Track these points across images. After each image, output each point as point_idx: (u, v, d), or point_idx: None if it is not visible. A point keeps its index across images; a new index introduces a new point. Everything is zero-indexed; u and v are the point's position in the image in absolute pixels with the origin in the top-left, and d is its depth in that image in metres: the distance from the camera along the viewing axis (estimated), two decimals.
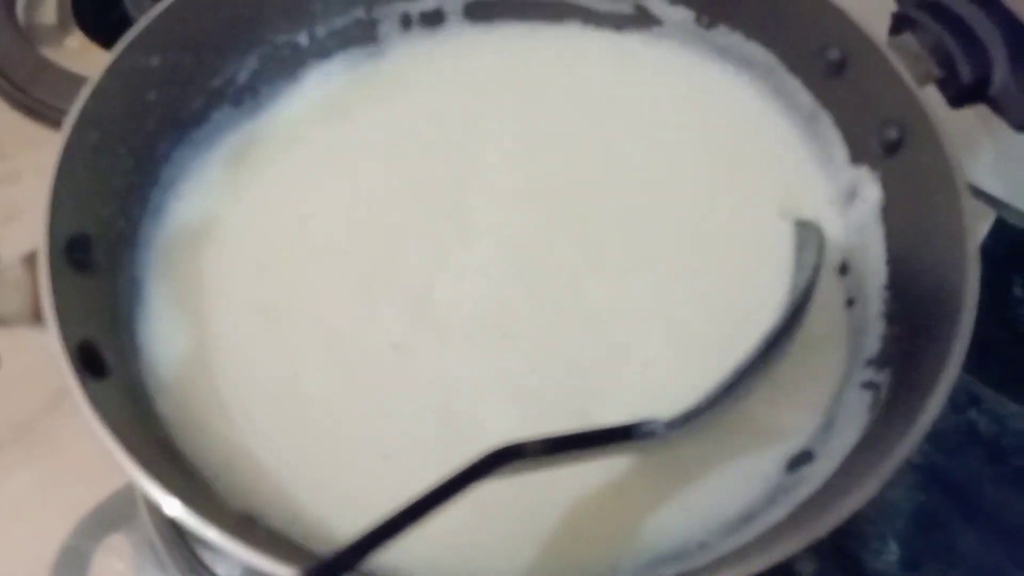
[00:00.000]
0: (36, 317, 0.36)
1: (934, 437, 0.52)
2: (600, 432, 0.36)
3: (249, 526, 0.37)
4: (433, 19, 0.53)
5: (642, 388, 0.41)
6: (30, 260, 0.37)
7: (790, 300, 0.40)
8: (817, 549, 0.46)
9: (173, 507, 0.32)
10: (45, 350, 0.35)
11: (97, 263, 0.40)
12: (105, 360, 0.38)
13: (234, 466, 0.39)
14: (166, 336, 0.42)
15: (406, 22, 0.52)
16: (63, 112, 0.40)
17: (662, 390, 0.40)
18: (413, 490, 0.30)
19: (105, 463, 0.32)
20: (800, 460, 0.40)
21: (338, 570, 0.28)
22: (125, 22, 0.43)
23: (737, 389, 0.37)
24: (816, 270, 0.40)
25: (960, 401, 0.53)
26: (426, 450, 0.39)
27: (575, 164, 0.48)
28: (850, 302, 0.44)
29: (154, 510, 0.45)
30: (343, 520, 0.37)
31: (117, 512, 0.47)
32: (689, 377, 0.39)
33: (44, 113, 0.58)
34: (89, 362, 0.36)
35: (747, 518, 0.38)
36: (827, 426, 0.40)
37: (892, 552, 0.48)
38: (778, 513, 0.37)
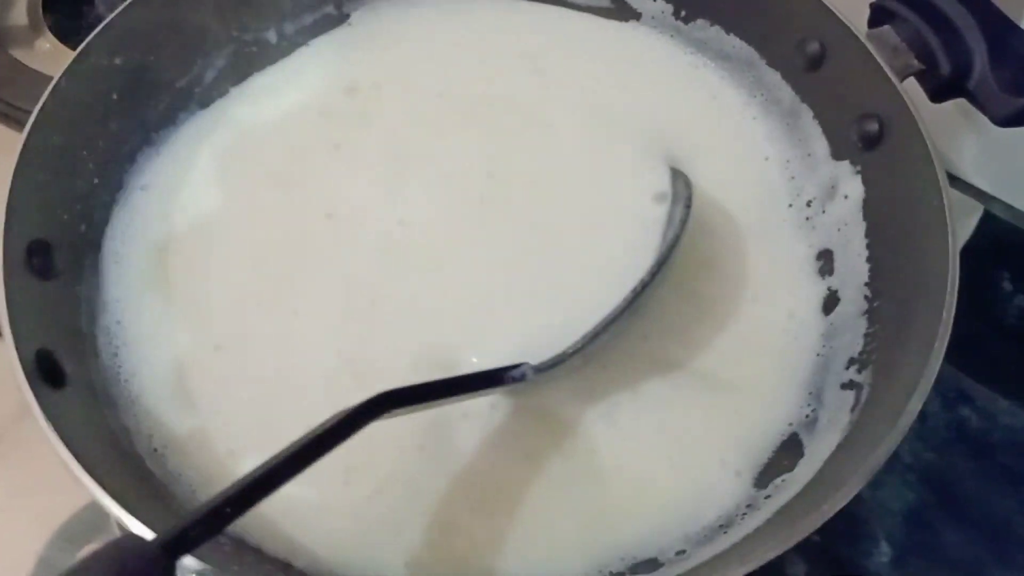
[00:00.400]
0: None
1: (924, 434, 0.51)
2: (472, 377, 0.37)
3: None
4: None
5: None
6: None
7: (658, 254, 0.41)
8: (807, 550, 0.46)
9: (132, 523, 0.31)
10: (2, 359, 0.34)
11: (57, 269, 0.40)
12: (64, 369, 0.37)
13: (200, 479, 0.38)
14: (133, 344, 0.41)
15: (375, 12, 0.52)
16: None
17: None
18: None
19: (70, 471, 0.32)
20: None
21: (219, 524, 0.27)
22: (97, 23, 0.43)
23: (602, 336, 0.39)
24: (683, 224, 0.41)
25: (950, 397, 0.53)
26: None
27: (527, 145, 0.47)
28: (830, 301, 0.43)
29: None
30: (308, 532, 0.37)
31: (92, 523, 0.47)
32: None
33: (15, 117, 0.57)
34: (48, 371, 0.35)
35: (727, 524, 0.37)
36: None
37: (883, 552, 0.47)
38: (761, 516, 0.36)
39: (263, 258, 0.43)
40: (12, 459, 0.48)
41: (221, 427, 0.39)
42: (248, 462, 0.38)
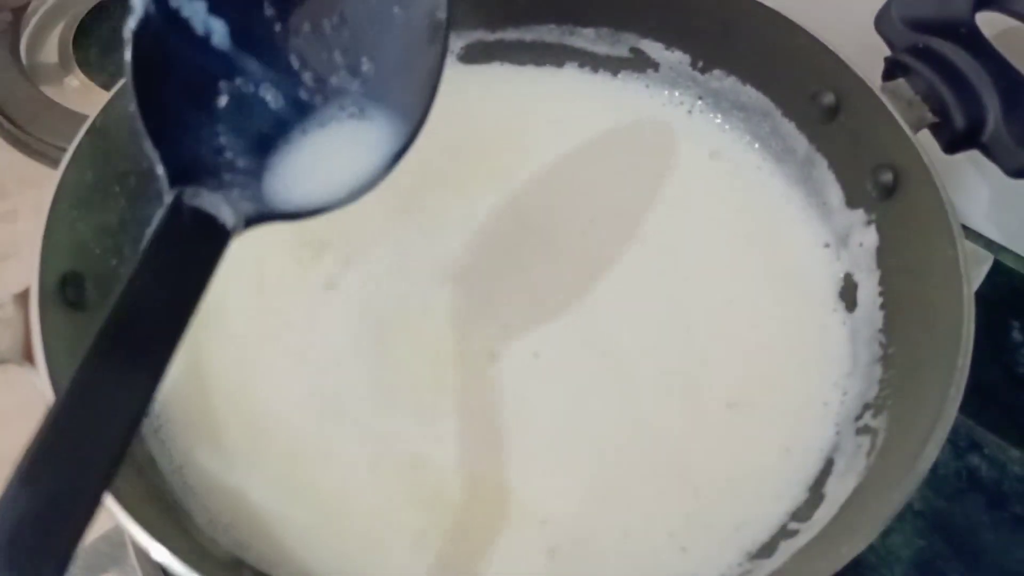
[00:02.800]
0: (28, 355, 0.36)
1: (935, 482, 0.52)
2: None
3: (236, 570, 0.36)
4: None
5: None
6: (23, 298, 0.37)
7: None
8: None
9: (159, 552, 0.31)
10: (37, 388, 0.35)
11: (89, 301, 0.40)
12: None
13: (223, 508, 0.38)
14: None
15: None
16: (62, 151, 0.40)
17: None
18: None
19: None
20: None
21: None
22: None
23: None
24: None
25: (961, 445, 0.53)
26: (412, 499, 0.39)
27: (558, 203, 0.48)
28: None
29: (142, 552, 0.44)
30: (330, 566, 0.37)
31: (106, 553, 0.47)
32: None
33: (44, 152, 0.58)
34: None
35: (745, 570, 0.38)
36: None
37: None
38: (776, 562, 0.37)
39: (292, 291, 0.44)
40: None
41: (245, 455, 0.40)
42: (267, 493, 0.39)
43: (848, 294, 0.45)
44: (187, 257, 0.29)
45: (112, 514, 0.32)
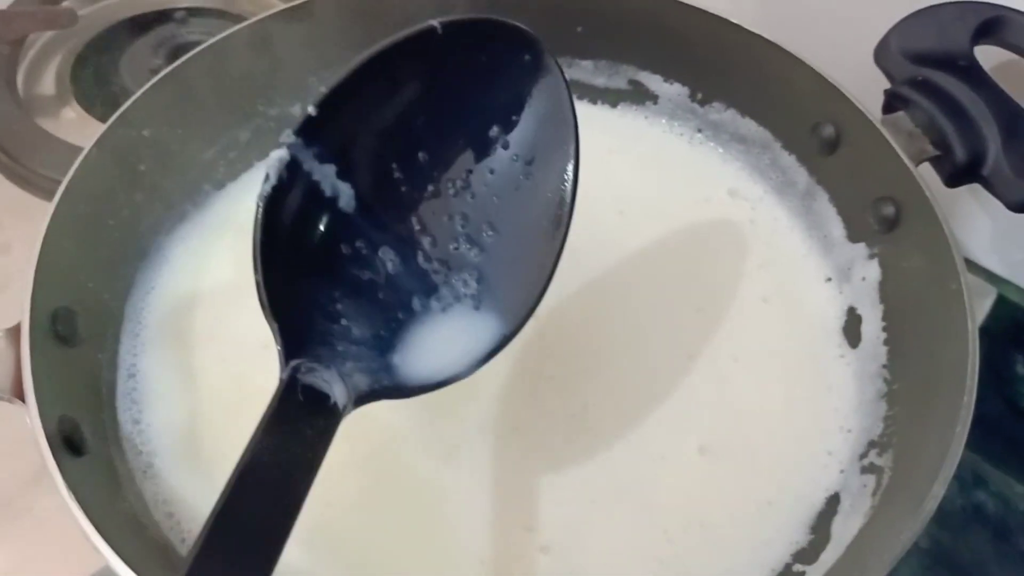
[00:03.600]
0: (18, 392, 0.35)
1: (940, 518, 0.50)
2: None
3: None
4: None
5: None
6: (14, 333, 0.36)
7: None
8: None
9: None
10: (26, 425, 0.34)
11: (80, 337, 0.40)
12: (84, 437, 0.37)
13: None
14: (152, 412, 0.41)
15: None
16: (58, 183, 0.40)
17: None
18: None
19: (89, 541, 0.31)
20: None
21: None
22: (124, 95, 0.44)
23: None
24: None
25: (966, 480, 0.52)
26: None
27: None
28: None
29: None
30: None
31: None
32: None
33: (39, 184, 0.58)
34: (68, 439, 0.35)
35: None
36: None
37: None
38: None
39: None
40: (23, 526, 0.47)
41: None
42: None
43: (851, 329, 0.44)
44: (301, 436, 0.28)
45: (100, 554, 0.31)
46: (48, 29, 0.67)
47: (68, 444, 0.35)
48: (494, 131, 0.34)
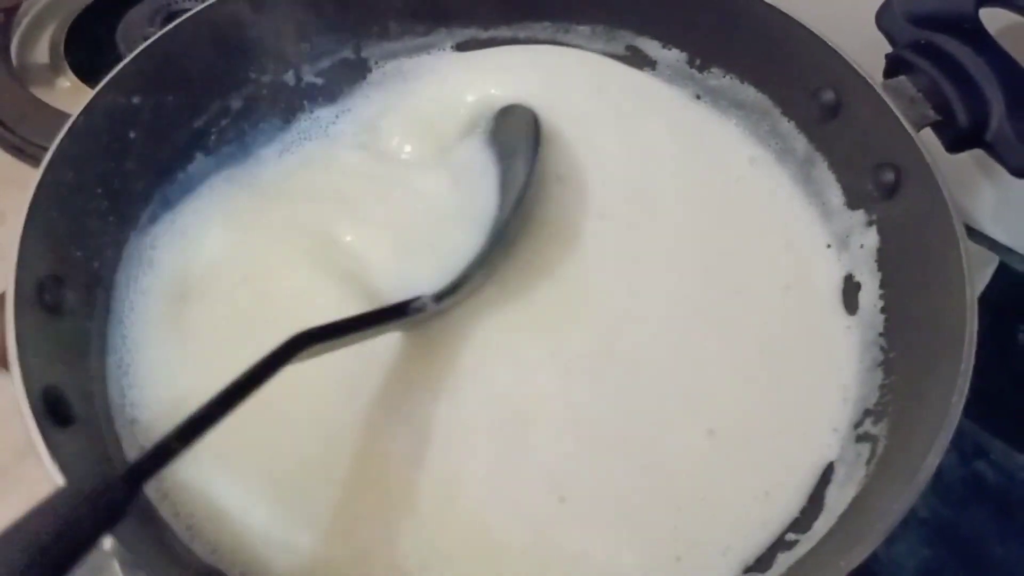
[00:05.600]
0: (2, 359, 0.35)
1: (940, 489, 0.50)
2: (378, 312, 0.40)
3: None
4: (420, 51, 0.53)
5: None
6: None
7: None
8: None
9: (136, 566, 0.30)
10: (10, 395, 0.34)
11: (69, 306, 0.39)
12: (72, 407, 0.36)
13: (204, 521, 0.37)
14: (140, 383, 0.41)
15: (394, 56, 0.52)
16: None
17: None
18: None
19: None
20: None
21: (156, 464, 0.30)
22: (118, 63, 0.43)
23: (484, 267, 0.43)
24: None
25: (967, 452, 0.52)
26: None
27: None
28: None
29: (127, 564, 0.44)
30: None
31: (93, 565, 0.46)
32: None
33: (33, 154, 0.58)
34: (55, 408, 0.35)
35: None
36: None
37: None
38: (775, 573, 0.36)
39: (275, 305, 0.43)
40: (13, 497, 0.47)
41: (224, 468, 0.39)
42: (245, 503, 0.38)
43: (850, 297, 0.44)
44: None
45: None
46: None
47: (54, 414, 0.34)
48: None
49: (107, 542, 0.31)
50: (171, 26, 0.45)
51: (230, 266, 0.44)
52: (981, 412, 0.44)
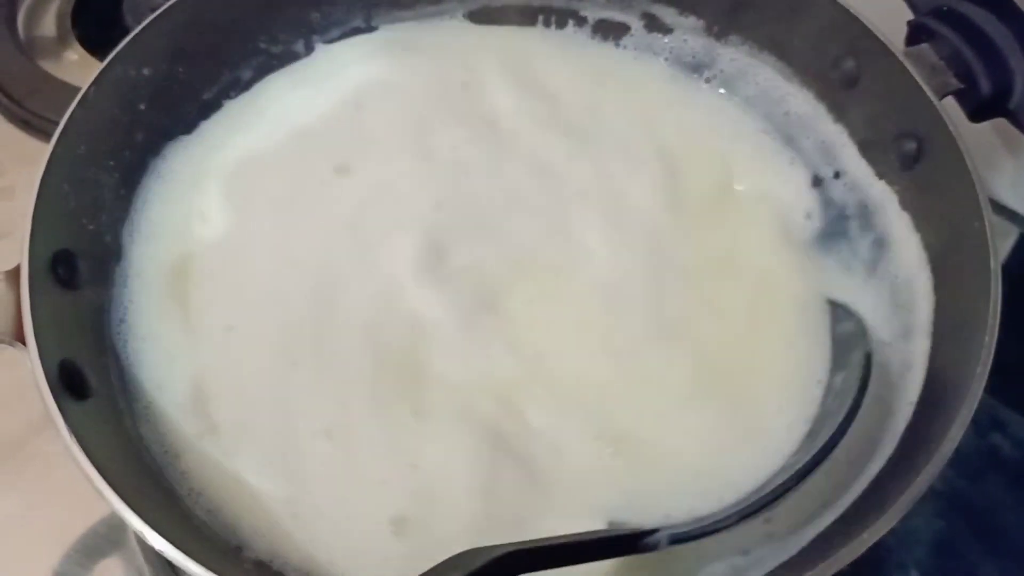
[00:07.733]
0: (18, 335, 0.35)
1: (956, 462, 0.50)
2: (599, 540, 0.33)
3: (234, 557, 0.35)
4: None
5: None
6: (13, 276, 0.36)
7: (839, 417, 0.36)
8: None
9: (154, 539, 0.30)
10: (27, 368, 0.34)
11: (82, 279, 0.39)
12: (88, 380, 0.36)
13: (221, 494, 0.37)
14: (154, 357, 0.40)
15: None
16: None
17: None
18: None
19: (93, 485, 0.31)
20: None
21: None
22: (125, 35, 0.43)
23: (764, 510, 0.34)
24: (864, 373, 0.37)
25: (983, 424, 0.52)
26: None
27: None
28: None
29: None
30: (328, 553, 0.36)
31: (107, 538, 0.46)
32: None
33: (42, 127, 0.57)
34: (71, 382, 0.35)
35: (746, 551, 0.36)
36: None
37: None
38: (796, 543, 0.36)
39: (282, 274, 0.43)
40: (30, 471, 0.47)
41: (237, 438, 0.39)
42: (262, 475, 0.38)
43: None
44: None
45: (105, 499, 0.31)
46: None
47: (71, 388, 0.35)
48: None
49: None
50: None
51: (239, 236, 0.44)
52: (996, 384, 0.44)
